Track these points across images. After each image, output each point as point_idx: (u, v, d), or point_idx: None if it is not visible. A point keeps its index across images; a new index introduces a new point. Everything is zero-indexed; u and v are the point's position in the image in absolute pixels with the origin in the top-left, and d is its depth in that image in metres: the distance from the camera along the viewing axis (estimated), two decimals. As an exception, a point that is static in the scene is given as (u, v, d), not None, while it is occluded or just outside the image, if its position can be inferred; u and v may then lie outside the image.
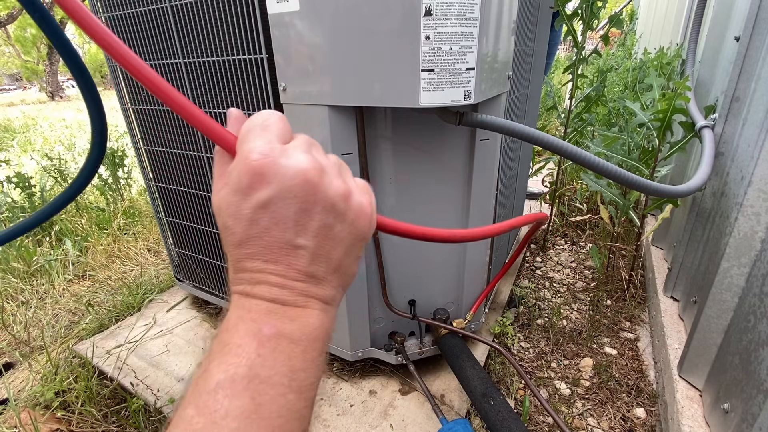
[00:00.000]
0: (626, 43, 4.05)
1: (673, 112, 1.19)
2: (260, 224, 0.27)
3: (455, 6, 0.68)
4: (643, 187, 0.89)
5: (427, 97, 0.73)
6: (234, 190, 0.27)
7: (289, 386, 0.25)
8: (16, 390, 1.22)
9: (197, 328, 1.44)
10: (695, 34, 1.53)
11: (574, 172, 2.36)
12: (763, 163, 0.86)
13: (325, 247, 0.29)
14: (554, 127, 3.23)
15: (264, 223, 0.27)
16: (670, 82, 1.74)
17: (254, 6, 0.82)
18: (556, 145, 0.80)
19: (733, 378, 0.84)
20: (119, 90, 1.24)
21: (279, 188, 0.27)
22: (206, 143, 1.11)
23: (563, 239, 2.13)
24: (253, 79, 0.92)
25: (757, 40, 0.95)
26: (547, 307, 1.58)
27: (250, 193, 0.27)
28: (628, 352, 1.35)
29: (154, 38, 1.05)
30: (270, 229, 0.27)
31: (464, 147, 0.95)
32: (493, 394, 0.94)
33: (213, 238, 1.28)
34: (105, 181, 2.48)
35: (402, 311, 1.10)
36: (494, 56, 0.80)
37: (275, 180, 0.27)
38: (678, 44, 2.27)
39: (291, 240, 0.28)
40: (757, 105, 0.92)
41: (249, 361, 0.25)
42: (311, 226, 0.28)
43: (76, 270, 1.94)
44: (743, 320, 0.84)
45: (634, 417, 1.12)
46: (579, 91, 1.73)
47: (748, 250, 0.89)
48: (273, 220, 0.27)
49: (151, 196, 1.41)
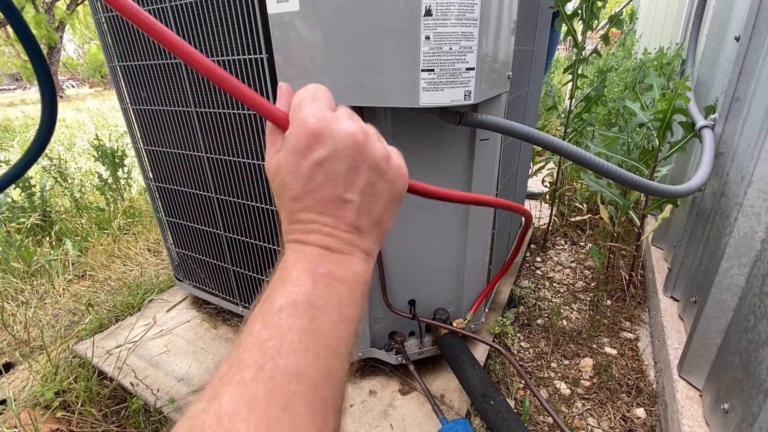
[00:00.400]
0: (626, 43, 4.05)
1: (673, 112, 1.19)
2: (315, 180, 0.31)
3: (455, 6, 0.68)
4: (643, 187, 0.89)
5: (427, 97, 0.73)
6: (293, 150, 0.31)
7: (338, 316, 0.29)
8: (16, 390, 1.22)
9: (197, 328, 1.44)
10: (695, 34, 1.53)
11: (574, 172, 2.36)
12: (763, 163, 0.86)
13: (368, 203, 0.33)
14: (554, 127, 3.23)
15: (319, 179, 0.31)
16: (670, 82, 1.74)
17: (254, 6, 0.82)
18: (556, 145, 0.80)
19: (733, 378, 0.84)
20: (119, 90, 1.24)
21: (332, 148, 0.31)
22: (206, 143, 1.11)
23: (563, 239, 2.13)
24: (253, 79, 0.92)
25: (757, 40, 0.95)
26: (547, 307, 1.58)
27: (308, 153, 0.31)
28: (628, 352, 1.35)
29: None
30: (323, 185, 0.31)
31: (464, 147, 0.95)
32: (493, 394, 0.94)
33: (213, 238, 1.28)
34: (105, 181, 2.48)
35: (402, 311, 1.10)
36: (494, 56, 0.80)
37: (329, 141, 0.31)
38: (678, 44, 2.27)
39: (341, 195, 0.31)
40: (757, 105, 0.92)
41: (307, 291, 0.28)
42: (358, 182, 0.32)
43: (76, 270, 1.94)
44: (743, 320, 0.84)
45: (634, 417, 1.12)
46: (579, 91, 1.73)
47: (748, 250, 0.89)
48: (326, 177, 0.31)
49: (151, 196, 1.41)
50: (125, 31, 1.10)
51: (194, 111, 1.08)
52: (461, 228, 1.06)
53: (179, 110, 1.12)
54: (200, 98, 1.05)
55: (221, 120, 1.04)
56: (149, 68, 1.11)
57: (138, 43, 1.09)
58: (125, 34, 1.11)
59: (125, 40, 1.12)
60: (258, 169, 1.04)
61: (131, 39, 1.10)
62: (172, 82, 1.08)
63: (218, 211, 1.20)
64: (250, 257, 1.21)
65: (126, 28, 1.10)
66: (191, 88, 1.05)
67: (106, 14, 1.11)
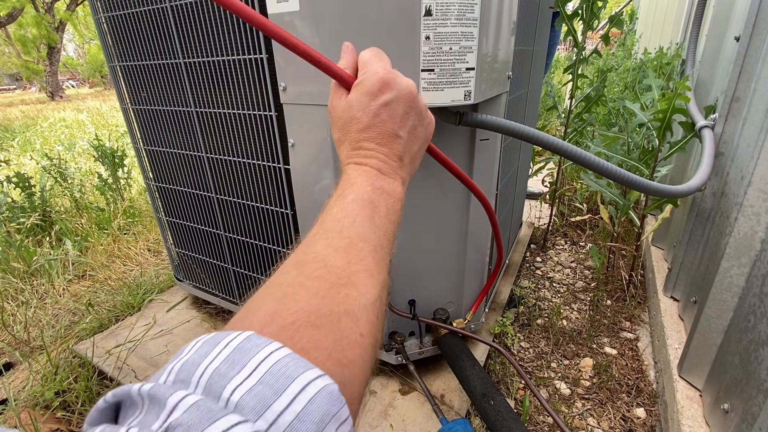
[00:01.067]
0: (626, 43, 4.05)
1: (673, 112, 1.19)
2: (380, 117, 0.41)
3: (455, 6, 0.68)
4: (643, 187, 0.89)
5: (427, 97, 0.73)
6: (365, 92, 0.41)
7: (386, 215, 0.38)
8: (16, 390, 1.22)
9: (197, 328, 1.44)
10: (695, 34, 1.53)
11: (574, 172, 2.36)
12: (763, 163, 0.86)
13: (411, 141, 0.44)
14: (554, 127, 3.23)
15: (383, 116, 0.41)
16: (670, 82, 1.74)
17: (254, 6, 0.82)
18: (556, 145, 0.80)
19: (733, 378, 0.84)
20: (119, 90, 1.24)
21: (397, 94, 0.42)
22: (206, 143, 1.11)
23: (563, 239, 2.13)
24: (253, 79, 0.92)
25: (757, 40, 0.95)
26: (547, 307, 1.58)
27: (378, 95, 0.41)
28: (628, 352, 1.35)
29: (154, 38, 1.05)
30: (386, 121, 0.41)
31: (464, 147, 0.95)
32: (493, 394, 0.94)
33: (213, 238, 1.28)
34: (105, 181, 2.48)
35: (402, 311, 1.10)
36: (494, 56, 0.80)
37: (395, 89, 0.42)
38: (678, 44, 2.27)
39: (396, 131, 0.42)
40: (757, 105, 0.92)
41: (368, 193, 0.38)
42: (408, 123, 0.43)
43: (76, 270, 1.94)
44: (743, 320, 0.84)
45: (634, 417, 1.12)
46: (579, 91, 1.72)
47: (748, 250, 0.89)
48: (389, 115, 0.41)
49: (151, 196, 1.41)
50: (125, 31, 1.10)
51: (194, 111, 1.08)
52: (461, 228, 1.06)
53: (179, 110, 1.12)
54: (200, 98, 1.05)
55: (221, 120, 1.04)
56: (149, 68, 1.11)
57: (138, 43, 1.09)
58: (125, 34, 1.11)
59: (125, 40, 1.12)
60: (258, 169, 1.04)
61: (131, 39, 1.10)
62: (172, 82, 1.08)
63: (218, 211, 1.20)
64: (250, 257, 1.21)
65: (126, 28, 1.10)
66: (191, 88, 1.05)
67: (106, 14, 1.11)
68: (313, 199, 0.94)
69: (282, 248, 1.11)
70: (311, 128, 0.84)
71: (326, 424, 0.21)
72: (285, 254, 1.09)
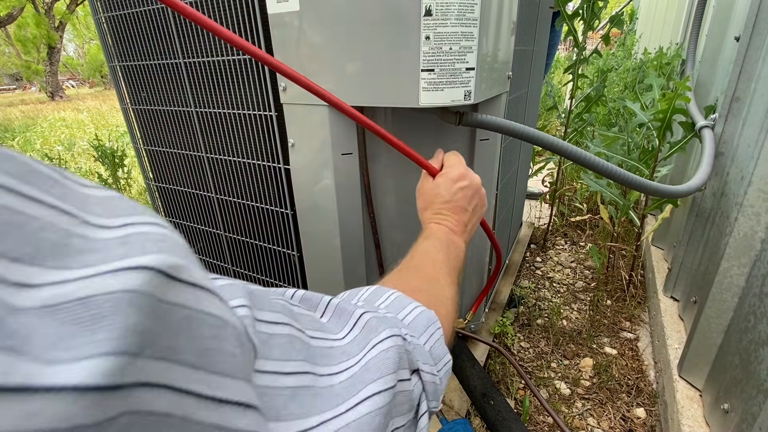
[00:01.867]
0: (626, 43, 4.05)
1: (673, 112, 1.19)
2: (457, 195, 0.60)
3: (455, 6, 0.68)
4: (643, 187, 0.89)
5: (427, 97, 0.73)
6: (450, 179, 0.61)
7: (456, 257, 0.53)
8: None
9: (197, 328, 1.44)
10: (695, 34, 1.53)
11: (574, 172, 2.36)
12: (763, 163, 0.86)
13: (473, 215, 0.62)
14: (554, 127, 3.22)
15: (459, 195, 0.60)
16: (670, 82, 1.74)
17: (254, 6, 0.82)
18: (556, 145, 0.80)
19: (733, 378, 0.84)
20: (119, 90, 1.24)
21: (469, 183, 0.62)
22: (206, 143, 1.11)
23: (563, 239, 2.13)
24: (253, 79, 0.92)
25: (757, 40, 0.95)
26: (547, 307, 1.58)
27: (458, 181, 0.61)
28: (628, 352, 1.35)
29: (154, 38, 1.05)
30: (460, 199, 0.60)
31: (464, 147, 0.95)
32: (493, 394, 0.94)
33: (213, 238, 1.28)
34: (105, 181, 2.47)
35: (402, 311, 1.10)
36: (494, 56, 0.80)
37: (469, 180, 0.62)
38: (678, 44, 2.27)
39: (465, 207, 0.60)
40: (757, 105, 0.92)
41: (444, 240, 0.54)
42: (473, 203, 0.62)
43: (76, 270, 1.94)
44: (743, 320, 0.84)
45: (634, 417, 1.12)
46: (579, 91, 1.73)
47: (748, 250, 0.89)
48: (463, 196, 0.60)
49: (151, 196, 1.41)
50: (125, 31, 1.10)
51: (194, 111, 1.08)
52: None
53: (179, 110, 1.12)
54: (200, 98, 1.05)
55: (221, 120, 1.04)
56: (149, 68, 1.11)
57: (138, 43, 1.09)
58: (125, 34, 1.11)
59: (125, 40, 1.12)
60: (258, 169, 1.04)
61: (131, 39, 1.10)
62: (172, 82, 1.08)
63: (218, 211, 1.20)
64: (250, 257, 1.21)
65: (126, 28, 1.10)
66: (191, 88, 1.05)
67: (106, 14, 1.11)
68: (313, 199, 0.94)
69: (282, 248, 1.11)
70: (311, 128, 0.84)
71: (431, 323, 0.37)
72: (285, 254, 1.09)
